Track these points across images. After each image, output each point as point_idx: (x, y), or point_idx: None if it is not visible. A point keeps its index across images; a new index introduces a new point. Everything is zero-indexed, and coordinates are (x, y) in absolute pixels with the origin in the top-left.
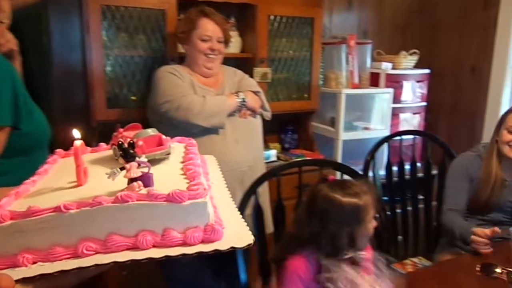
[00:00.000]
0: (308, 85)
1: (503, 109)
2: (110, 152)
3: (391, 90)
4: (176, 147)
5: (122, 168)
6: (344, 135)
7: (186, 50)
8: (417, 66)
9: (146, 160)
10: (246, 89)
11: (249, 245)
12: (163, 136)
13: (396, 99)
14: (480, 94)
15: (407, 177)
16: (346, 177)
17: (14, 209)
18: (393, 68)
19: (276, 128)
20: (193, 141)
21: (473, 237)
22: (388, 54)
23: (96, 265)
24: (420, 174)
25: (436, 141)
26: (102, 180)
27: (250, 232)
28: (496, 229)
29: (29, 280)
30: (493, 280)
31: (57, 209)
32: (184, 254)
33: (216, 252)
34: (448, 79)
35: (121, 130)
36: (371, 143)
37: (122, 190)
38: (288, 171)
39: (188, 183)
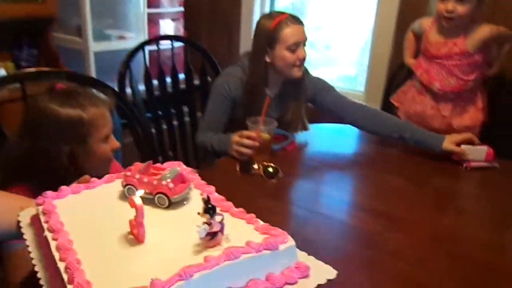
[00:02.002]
0: None
1: (256, 17)
2: (110, 188)
3: None
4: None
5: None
6: (94, 46)
7: None
8: None
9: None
10: None
11: (336, 275)
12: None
13: (152, 3)
14: (235, 1)
15: (170, 90)
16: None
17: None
18: None
19: (6, 43)
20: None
21: (235, 139)
22: None
23: None
24: (183, 86)
25: (197, 47)
26: (153, 231)
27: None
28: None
29: None
30: (252, 177)
31: (181, 277)
32: None
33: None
34: None
35: (132, 168)
36: None
37: (208, 243)
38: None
39: (247, 223)
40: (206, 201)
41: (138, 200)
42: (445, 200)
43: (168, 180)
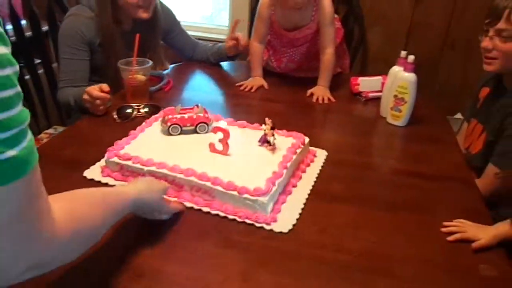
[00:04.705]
0: None
1: None
2: (153, 131)
3: None
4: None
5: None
6: None
7: None
8: None
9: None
10: None
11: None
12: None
13: None
14: None
15: (13, 39)
16: None
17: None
18: None
19: None
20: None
21: (85, 96)
22: None
23: None
24: (29, 33)
25: None
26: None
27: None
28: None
29: None
30: (130, 123)
31: (285, 167)
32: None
33: None
34: None
35: (167, 113)
36: None
37: (271, 147)
38: None
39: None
40: (272, 122)
41: (224, 126)
42: (320, 116)
43: (202, 113)
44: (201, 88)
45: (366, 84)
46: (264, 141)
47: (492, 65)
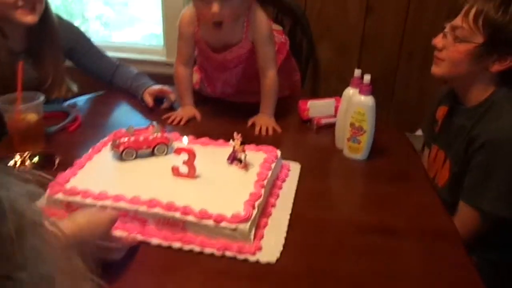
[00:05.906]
0: None
1: None
2: (102, 158)
3: None
4: None
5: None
6: None
7: None
8: None
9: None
10: None
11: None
12: None
13: None
14: None
15: None
16: None
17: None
18: None
19: None
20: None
21: None
22: None
23: None
24: None
25: None
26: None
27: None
28: None
29: None
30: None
31: (262, 186)
32: None
33: None
34: None
35: (117, 137)
36: None
37: (242, 164)
38: None
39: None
40: (242, 136)
41: (188, 146)
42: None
43: (159, 134)
44: (120, 124)
45: (317, 108)
46: (233, 158)
47: (439, 66)
